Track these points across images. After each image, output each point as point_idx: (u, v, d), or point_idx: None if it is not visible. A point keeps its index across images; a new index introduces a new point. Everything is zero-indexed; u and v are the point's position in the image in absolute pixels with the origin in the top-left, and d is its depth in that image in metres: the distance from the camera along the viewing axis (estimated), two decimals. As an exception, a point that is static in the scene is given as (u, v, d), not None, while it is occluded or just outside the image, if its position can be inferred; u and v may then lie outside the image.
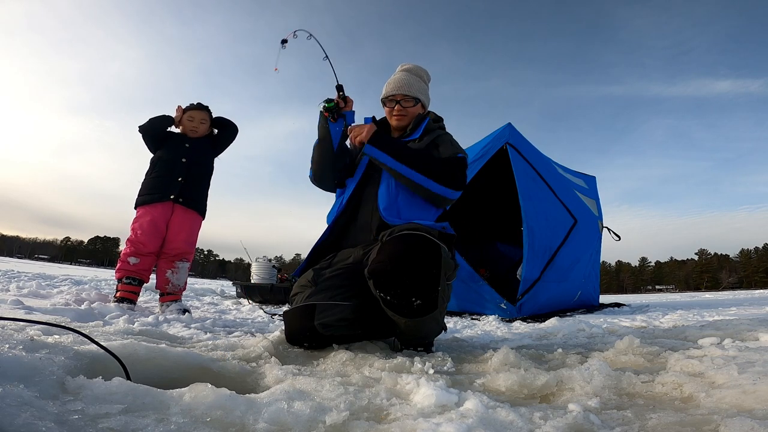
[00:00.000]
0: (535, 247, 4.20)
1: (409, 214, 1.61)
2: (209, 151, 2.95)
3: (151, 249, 2.72)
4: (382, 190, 1.65)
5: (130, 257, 2.69)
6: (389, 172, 1.63)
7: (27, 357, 0.79)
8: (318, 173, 1.78)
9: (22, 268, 8.64)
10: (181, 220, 2.77)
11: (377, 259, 1.34)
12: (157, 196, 2.73)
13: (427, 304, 1.33)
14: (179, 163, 2.78)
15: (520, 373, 1.02)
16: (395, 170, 1.59)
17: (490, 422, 0.69)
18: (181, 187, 2.75)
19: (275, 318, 3.03)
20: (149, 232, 2.69)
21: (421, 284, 1.31)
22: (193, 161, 2.82)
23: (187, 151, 2.82)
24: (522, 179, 4.31)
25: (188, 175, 2.79)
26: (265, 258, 6.69)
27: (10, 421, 0.56)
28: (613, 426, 0.72)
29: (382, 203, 1.62)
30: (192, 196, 2.81)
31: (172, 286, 2.77)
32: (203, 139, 2.93)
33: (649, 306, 5.70)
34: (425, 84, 1.86)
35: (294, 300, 1.55)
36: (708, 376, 0.98)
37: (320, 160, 1.74)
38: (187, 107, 2.93)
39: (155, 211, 2.72)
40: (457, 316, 4.01)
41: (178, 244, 2.76)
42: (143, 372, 0.94)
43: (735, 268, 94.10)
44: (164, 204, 2.74)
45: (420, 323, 1.38)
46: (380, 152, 1.60)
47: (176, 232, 2.76)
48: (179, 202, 2.75)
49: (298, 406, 0.72)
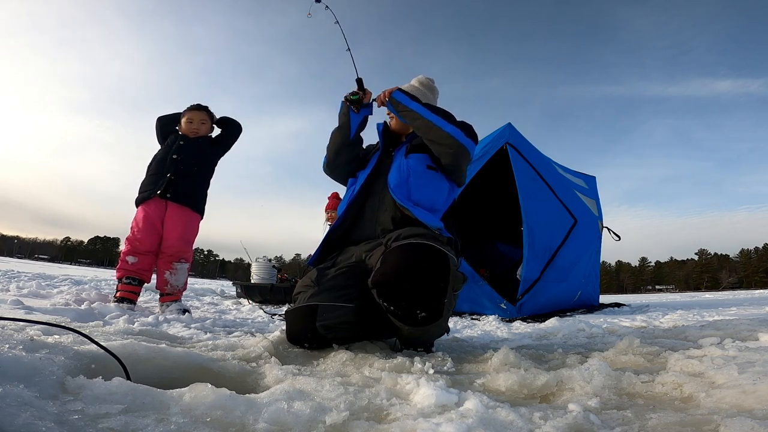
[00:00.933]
0: (535, 247, 4.20)
1: (419, 196, 1.61)
2: (206, 149, 2.95)
3: (148, 247, 2.72)
4: (394, 170, 1.68)
5: (128, 256, 2.70)
6: (409, 116, 1.68)
7: (27, 357, 0.79)
8: (332, 160, 1.85)
9: (22, 268, 8.63)
10: (174, 217, 2.77)
11: (381, 270, 1.32)
12: (148, 193, 2.75)
13: (431, 315, 1.30)
14: (169, 160, 2.80)
15: (520, 373, 1.02)
16: (417, 112, 1.65)
17: (490, 422, 0.69)
18: (168, 183, 2.75)
19: (275, 318, 3.03)
20: (144, 229, 2.70)
21: (426, 297, 1.29)
22: (184, 157, 2.83)
23: (179, 148, 2.84)
24: (522, 179, 4.31)
25: (177, 171, 2.78)
26: (265, 258, 6.69)
27: (10, 421, 0.56)
28: (613, 426, 0.72)
29: (393, 181, 1.64)
30: (183, 192, 2.79)
31: (170, 287, 2.77)
32: (199, 138, 2.93)
33: (649, 306, 5.70)
34: (431, 96, 1.95)
35: (296, 299, 1.55)
36: (708, 376, 0.98)
37: (336, 146, 1.83)
38: (185, 109, 2.96)
39: (149, 208, 2.74)
40: (457, 316, 4.01)
41: (173, 242, 2.75)
42: (143, 372, 0.94)
43: (735, 268, 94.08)
44: (156, 201, 2.75)
45: (423, 331, 1.38)
46: (407, 97, 1.69)
47: (170, 230, 2.75)
48: (168, 198, 2.75)
49: (298, 406, 0.72)
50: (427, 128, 1.63)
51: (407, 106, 1.67)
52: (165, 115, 3.03)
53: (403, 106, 1.68)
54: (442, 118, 1.63)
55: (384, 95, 1.77)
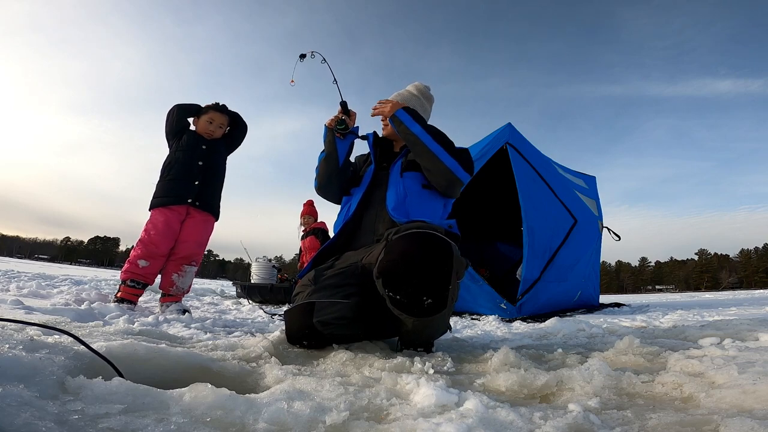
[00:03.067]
0: (535, 247, 4.20)
1: (417, 216, 1.62)
2: (223, 152, 2.95)
3: (163, 250, 2.70)
4: (391, 192, 1.68)
5: (140, 260, 2.65)
6: (411, 141, 1.66)
7: (27, 357, 0.79)
8: (324, 185, 1.85)
9: (22, 268, 8.63)
10: (195, 222, 2.78)
11: (387, 258, 1.32)
12: (173, 199, 2.72)
13: (437, 303, 1.31)
14: (195, 166, 2.77)
15: (520, 373, 1.02)
16: (420, 139, 1.63)
17: (490, 422, 0.69)
18: (198, 191, 2.75)
19: (275, 318, 3.03)
20: (163, 232, 2.67)
21: (432, 283, 1.29)
22: (209, 164, 2.82)
23: (203, 153, 2.81)
24: (522, 179, 4.31)
25: (204, 178, 2.78)
26: (265, 258, 6.69)
27: (10, 421, 0.56)
28: (613, 426, 0.72)
29: (391, 203, 1.64)
30: (207, 200, 2.81)
31: (176, 289, 2.76)
32: (218, 141, 2.92)
33: (649, 306, 5.70)
34: (427, 103, 1.95)
35: (295, 299, 1.56)
36: (708, 376, 0.98)
37: (326, 173, 1.82)
38: (209, 106, 2.90)
39: (171, 213, 2.71)
40: (457, 316, 4.01)
41: (189, 245, 2.75)
42: (143, 372, 0.94)
43: (735, 268, 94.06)
44: (180, 207, 2.74)
45: (428, 322, 1.37)
46: (411, 119, 1.67)
47: (189, 234, 2.75)
48: (195, 206, 2.75)
49: (298, 406, 0.72)
50: (426, 156, 1.64)
51: (409, 129, 1.65)
52: (185, 105, 2.91)
53: (405, 128, 1.66)
54: (442, 148, 1.62)
55: (385, 109, 1.74)
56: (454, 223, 1.65)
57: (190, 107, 2.91)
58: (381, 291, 1.34)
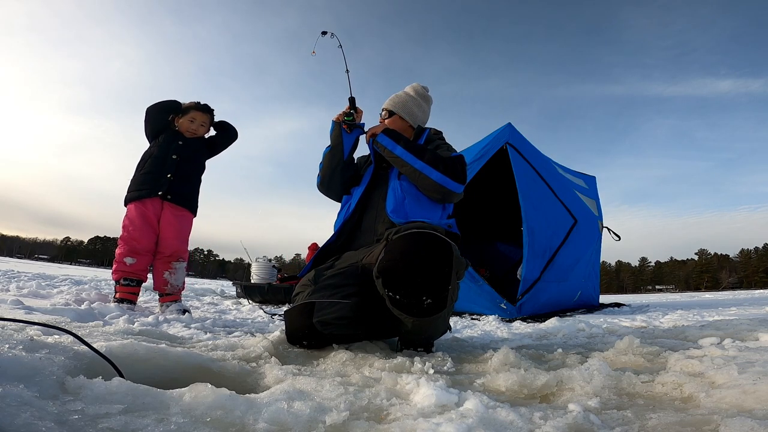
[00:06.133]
0: (535, 247, 4.20)
1: (416, 217, 1.62)
2: (202, 150, 2.94)
3: (146, 245, 2.69)
4: (390, 194, 1.69)
5: (126, 257, 2.66)
6: (396, 163, 1.70)
7: (27, 357, 0.79)
8: (326, 180, 1.86)
9: (22, 268, 8.63)
10: (171, 217, 2.76)
11: (387, 258, 1.32)
12: (145, 192, 2.71)
13: (437, 303, 1.31)
14: (169, 160, 2.77)
15: (520, 373, 1.02)
16: (403, 159, 1.66)
17: (490, 422, 0.69)
18: (169, 184, 2.73)
19: (275, 318, 3.03)
20: (140, 227, 2.67)
21: (432, 283, 1.29)
22: (184, 159, 2.81)
23: (178, 148, 2.81)
24: (522, 179, 4.31)
25: (178, 172, 2.77)
26: (265, 258, 6.70)
27: (10, 421, 0.56)
28: (613, 426, 0.72)
29: (390, 206, 1.66)
30: (181, 193, 2.78)
31: (170, 287, 2.76)
32: (197, 139, 2.92)
33: (649, 306, 5.70)
34: (425, 105, 1.97)
35: (295, 299, 1.56)
36: (708, 376, 0.98)
37: (330, 167, 1.84)
38: (189, 105, 2.91)
39: (144, 206, 2.70)
40: (457, 316, 4.01)
41: (171, 242, 2.74)
42: (143, 372, 0.94)
43: (735, 268, 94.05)
44: (153, 200, 2.72)
45: (428, 322, 1.37)
46: (391, 141, 1.70)
47: (168, 230, 2.74)
48: (168, 199, 2.73)
49: (298, 406, 0.72)
50: (413, 175, 1.66)
51: (392, 152, 1.69)
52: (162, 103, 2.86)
53: (388, 151, 1.70)
54: (428, 165, 1.63)
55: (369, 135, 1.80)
56: (453, 223, 1.66)
57: (168, 105, 2.89)
58: (381, 291, 1.34)
